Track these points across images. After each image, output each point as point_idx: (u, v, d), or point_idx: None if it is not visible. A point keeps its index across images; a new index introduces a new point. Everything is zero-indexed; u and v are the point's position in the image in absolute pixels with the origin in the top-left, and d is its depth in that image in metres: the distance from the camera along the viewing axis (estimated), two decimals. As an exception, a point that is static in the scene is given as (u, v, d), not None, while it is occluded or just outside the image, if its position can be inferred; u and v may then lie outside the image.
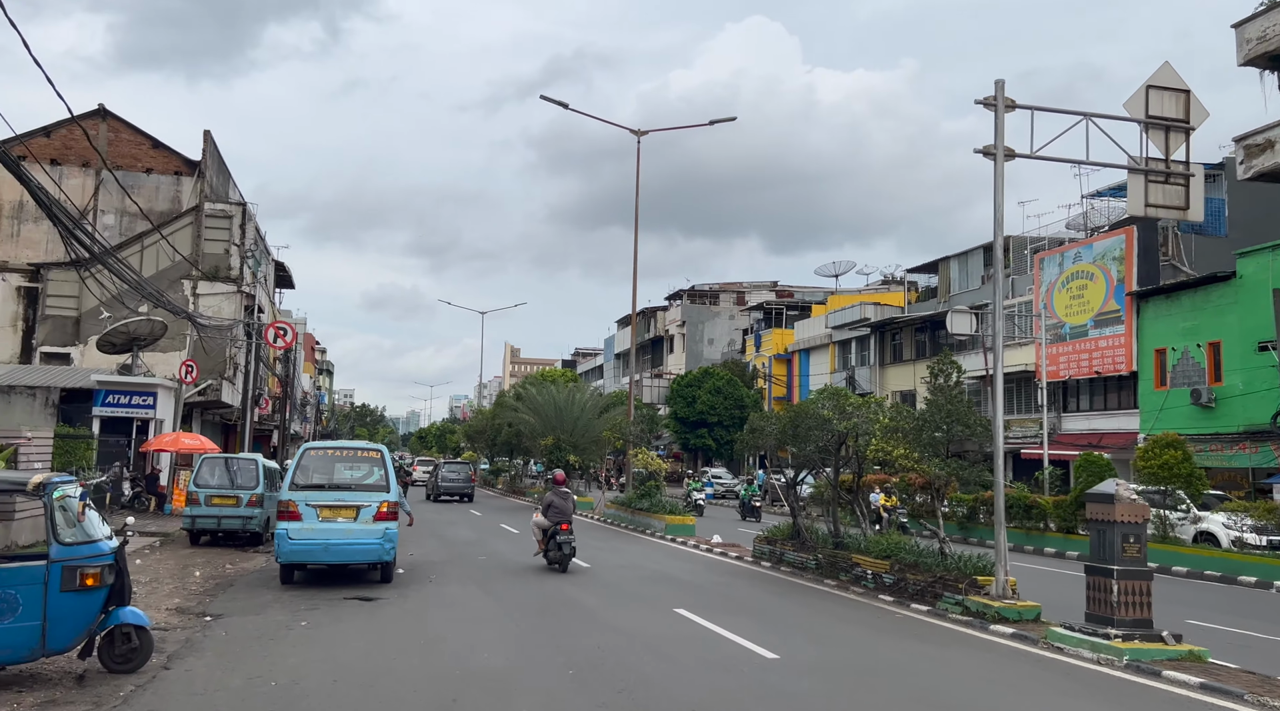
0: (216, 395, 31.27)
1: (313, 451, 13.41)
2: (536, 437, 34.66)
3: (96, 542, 7.21)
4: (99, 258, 20.89)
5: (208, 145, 33.87)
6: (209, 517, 17.95)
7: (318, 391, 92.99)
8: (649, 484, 23.71)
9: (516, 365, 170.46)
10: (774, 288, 78.16)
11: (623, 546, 19.62)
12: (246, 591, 12.28)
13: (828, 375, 51.59)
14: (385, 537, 12.62)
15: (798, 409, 14.50)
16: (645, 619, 10.83)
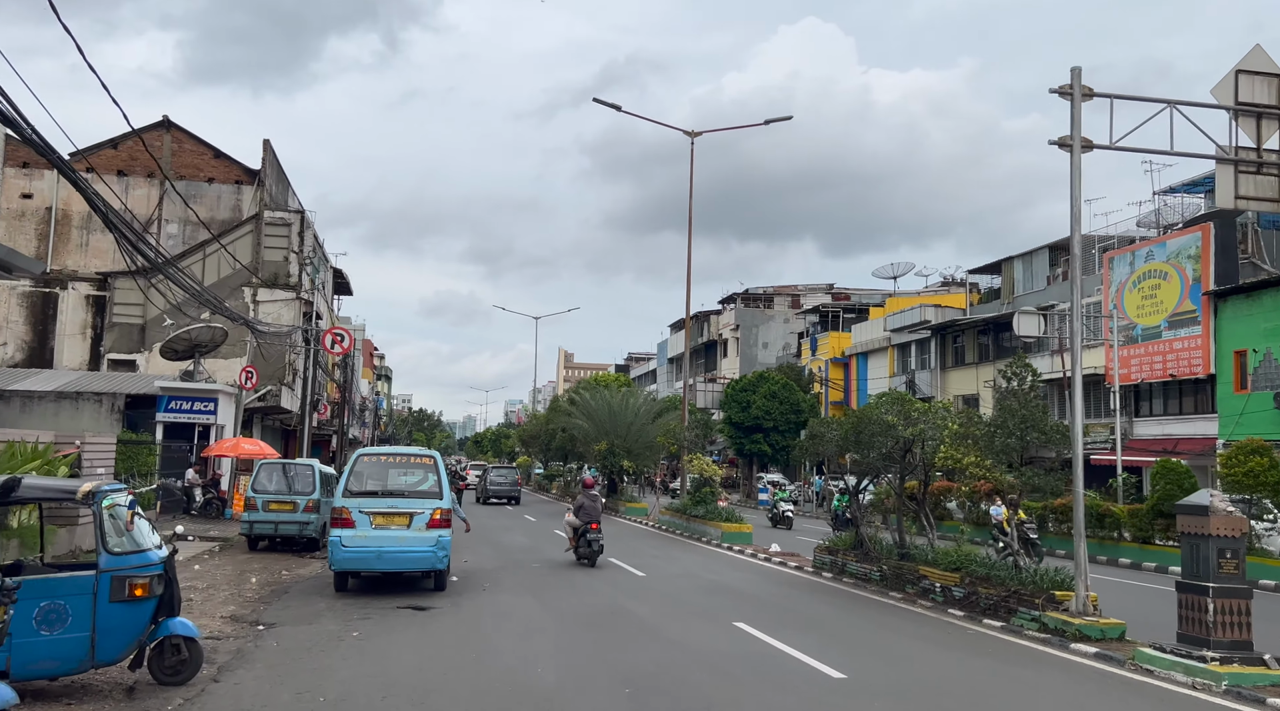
0: (276, 401, 31.68)
1: (366, 457, 13.31)
2: (590, 442, 34.52)
3: (145, 552, 7.08)
4: (160, 267, 21.26)
5: (267, 154, 34.39)
6: (266, 523, 18.03)
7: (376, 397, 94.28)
8: (704, 490, 23.29)
9: (570, 370, 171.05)
10: (830, 290, 77.09)
11: (678, 554, 19.24)
12: (300, 599, 12.19)
13: (886, 379, 50.54)
14: (438, 545, 12.44)
15: (860, 414, 13.98)
16: (704, 633, 10.44)
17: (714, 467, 23.87)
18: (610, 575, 15.49)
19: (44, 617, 6.64)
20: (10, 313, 31.06)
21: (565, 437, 43.54)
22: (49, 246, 31.70)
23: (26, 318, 31.21)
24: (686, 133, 26.15)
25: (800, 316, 69.40)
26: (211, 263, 31.95)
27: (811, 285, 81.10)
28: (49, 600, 6.66)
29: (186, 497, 22.81)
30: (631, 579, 14.99)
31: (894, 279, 63.42)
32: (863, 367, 54.69)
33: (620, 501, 33.66)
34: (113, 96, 10.42)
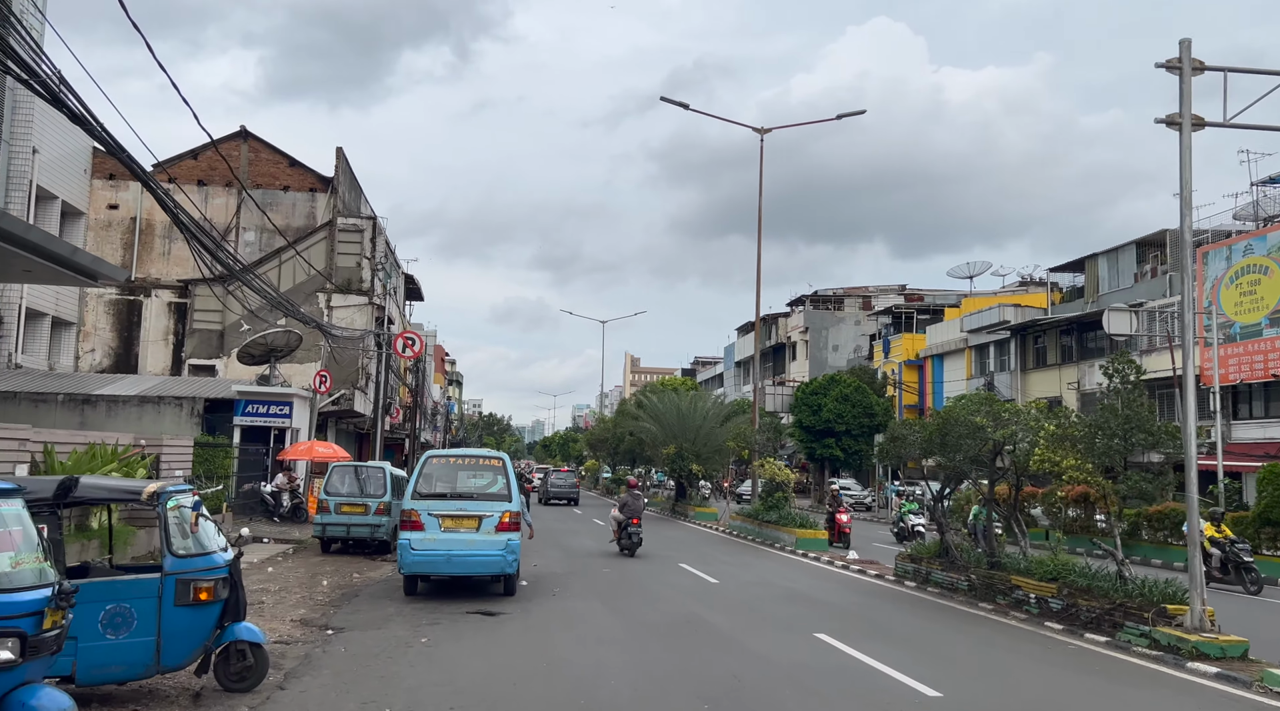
0: (349, 404, 32.06)
1: (435, 459, 13.13)
2: (658, 446, 34.13)
3: (210, 554, 6.90)
4: (237, 275, 21.62)
5: (340, 162, 34.92)
6: (338, 525, 18.07)
7: (447, 401, 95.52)
8: (777, 495, 22.65)
9: (636, 374, 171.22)
10: (902, 291, 75.35)
11: (751, 561, 18.68)
12: (370, 602, 12.04)
13: (963, 381, 49.00)
14: (507, 549, 12.17)
15: (946, 416, 13.27)
16: (784, 644, 9.92)
17: (786, 472, 23.23)
18: (682, 581, 15.04)
19: (109, 621, 6.49)
20: (98, 320, 32.09)
21: (633, 441, 43.26)
22: (134, 255, 32.66)
23: (113, 325, 32.20)
24: (756, 129, 25.62)
25: (872, 318, 67.94)
26: (287, 269, 32.55)
27: (883, 286, 79.43)
28: (114, 603, 6.51)
29: (275, 501, 23.15)
30: (704, 586, 14.52)
31: (970, 278, 61.60)
32: (938, 370, 53.17)
33: (689, 505, 33.18)
34: (195, 114, 10.43)
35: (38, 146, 27.43)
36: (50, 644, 5.00)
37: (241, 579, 7.28)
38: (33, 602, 4.89)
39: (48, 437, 12.59)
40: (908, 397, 53.70)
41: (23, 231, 18.89)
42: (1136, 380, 10.87)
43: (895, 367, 55.41)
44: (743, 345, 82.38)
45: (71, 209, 30.12)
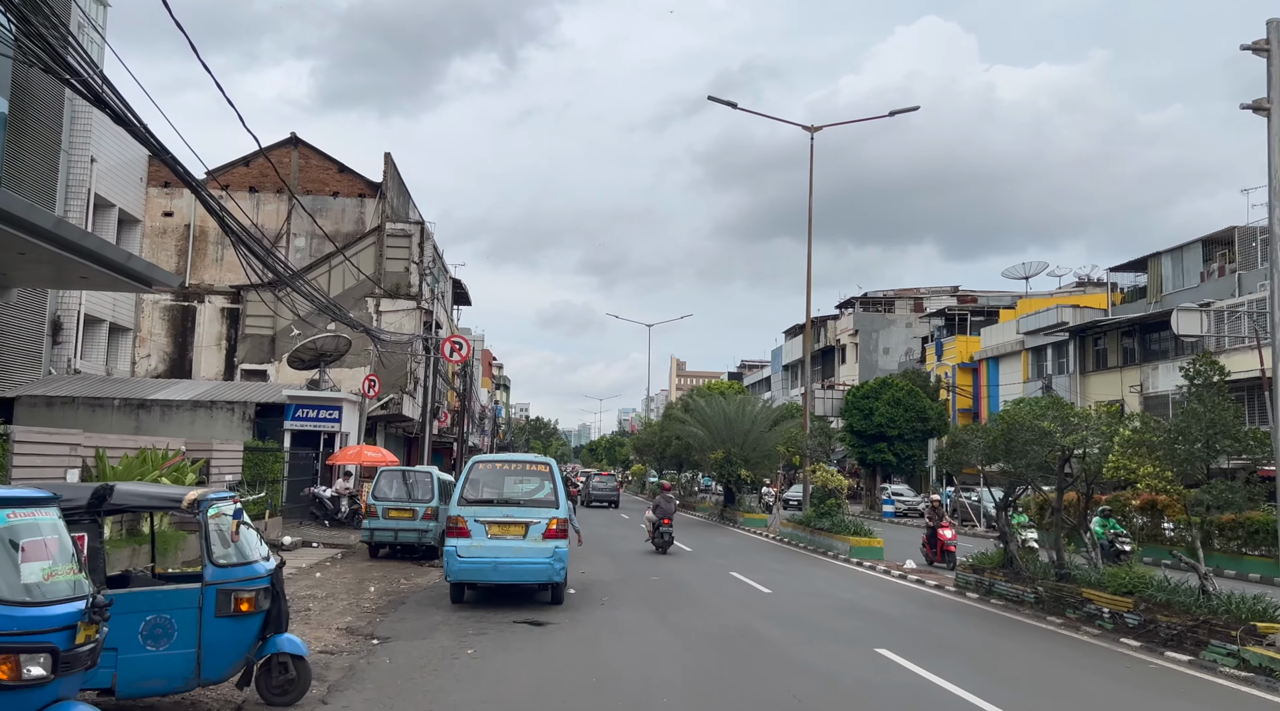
0: (398, 409, 32.18)
1: (481, 464, 12.92)
2: (705, 450, 33.72)
3: (251, 564, 6.70)
4: (286, 281, 21.74)
5: (388, 167, 35.13)
6: (386, 530, 17.99)
7: (495, 405, 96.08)
8: (830, 502, 22.08)
9: (682, 378, 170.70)
10: (955, 292, 73.93)
11: (804, 569, 18.19)
12: (417, 611, 11.84)
13: (1020, 385, 47.78)
14: (555, 557, 11.90)
15: (1011, 421, 12.68)
16: (843, 660, 9.47)
17: (839, 478, 22.63)
18: (733, 590, 14.63)
19: (149, 632, 6.32)
20: (154, 326, 32.65)
21: (680, 445, 42.87)
22: (188, 261, 33.19)
23: (168, 330, 32.74)
24: (805, 127, 25.11)
25: (924, 320, 66.72)
26: (337, 274, 32.81)
27: (935, 288, 78.03)
28: (154, 613, 6.34)
29: (334, 506, 23.25)
30: (757, 596, 14.10)
31: (1025, 279, 60.13)
32: (993, 373, 51.92)
33: (738, 511, 32.69)
34: (237, 111, 10.36)
35: (95, 155, 27.96)
36: (84, 659, 4.80)
37: (284, 588, 7.08)
38: (65, 616, 4.70)
39: (99, 442, 12.63)
40: (961, 401, 52.51)
41: (79, 238, 19.10)
42: (1220, 382, 10.21)
43: (948, 370, 54.25)
44: (790, 348, 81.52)
45: (128, 216, 30.67)
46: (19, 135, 23.20)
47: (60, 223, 18.22)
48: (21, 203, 17.33)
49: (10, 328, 24.14)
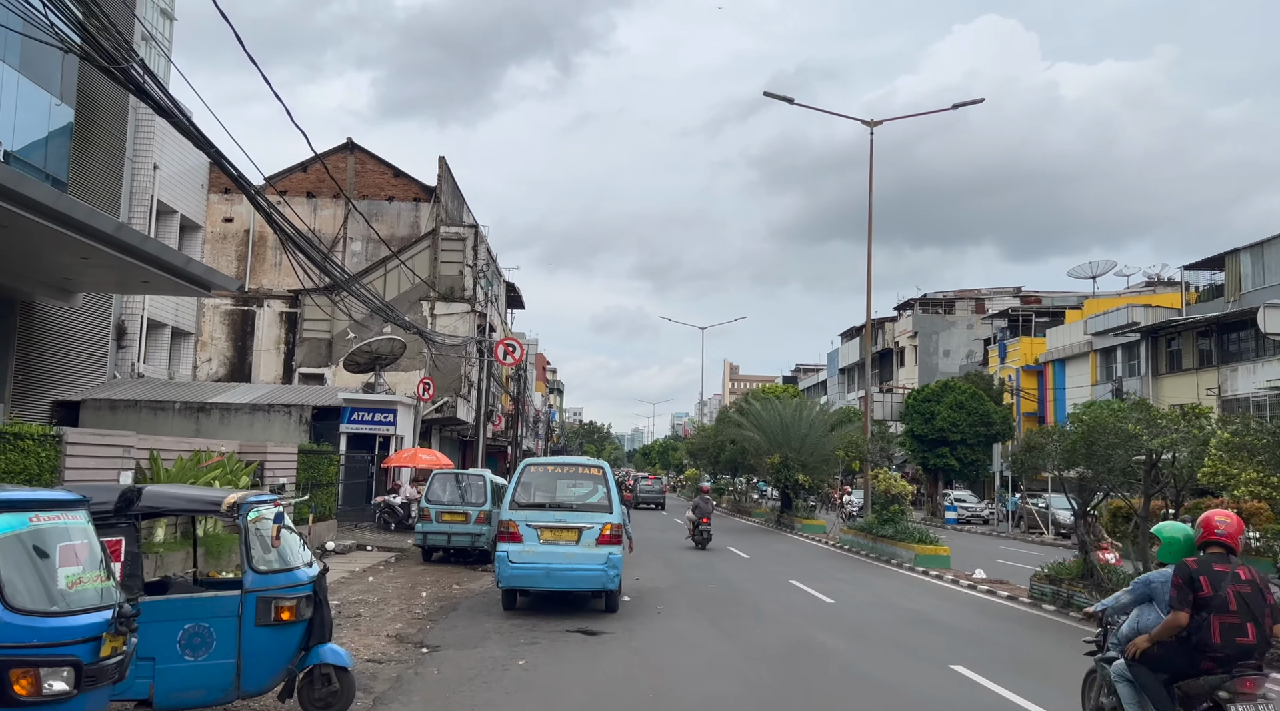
0: (452, 412, 32.17)
1: (533, 467, 12.57)
2: (762, 455, 33.05)
3: (293, 570, 6.41)
4: (343, 285, 21.78)
5: (443, 171, 35.21)
6: (439, 534, 17.80)
7: (549, 409, 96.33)
8: (893, 508, 21.30)
9: (735, 382, 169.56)
10: (1017, 293, 72.00)
11: (867, 578, 17.51)
12: (468, 617, 11.53)
13: (1088, 387, 46.15)
14: (609, 564, 11.49)
15: (1093, 423, 11.92)
16: (915, 677, 8.89)
17: (903, 483, 21.86)
18: (795, 599, 14.06)
19: (188, 641, 6.06)
20: (214, 330, 33.15)
21: (735, 449, 42.22)
22: (247, 267, 33.64)
23: (228, 335, 33.21)
24: (865, 122, 24.40)
25: (986, 322, 65.05)
26: (392, 278, 32.94)
27: (996, 289, 76.14)
28: (192, 622, 6.08)
29: (404, 511, 23.26)
30: (819, 606, 13.51)
31: (1092, 279, 58.23)
32: (1059, 375, 50.28)
33: (795, 517, 31.97)
34: (301, 129, 10.20)
35: (158, 163, 28.47)
36: (110, 672, 4.51)
37: (327, 596, 6.78)
38: (90, 627, 4.41)
39: (153, 444, 12.59)
40: (1026, 405, 50.93)
41: (139, 243, 19.29)
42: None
43: (1012, 373, 52.69)
44: (847, 351, 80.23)
45: (190, 223, 31.20)
46: (85, 143, 23.65)
47: (121, 227, 18.44)
48: (84, 208, 17.55)
49: (77, 332, 24.62)
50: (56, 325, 23.86)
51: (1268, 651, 5.47)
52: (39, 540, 4.44)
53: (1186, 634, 5.47)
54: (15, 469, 9.40)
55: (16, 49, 20.04)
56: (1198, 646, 5.44)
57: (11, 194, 14.80)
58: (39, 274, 20.49)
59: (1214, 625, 5.37)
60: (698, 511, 23.21)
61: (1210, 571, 5.45)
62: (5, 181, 14.59)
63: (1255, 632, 5.37)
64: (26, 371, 23.06)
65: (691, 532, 23.18)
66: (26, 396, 23.23)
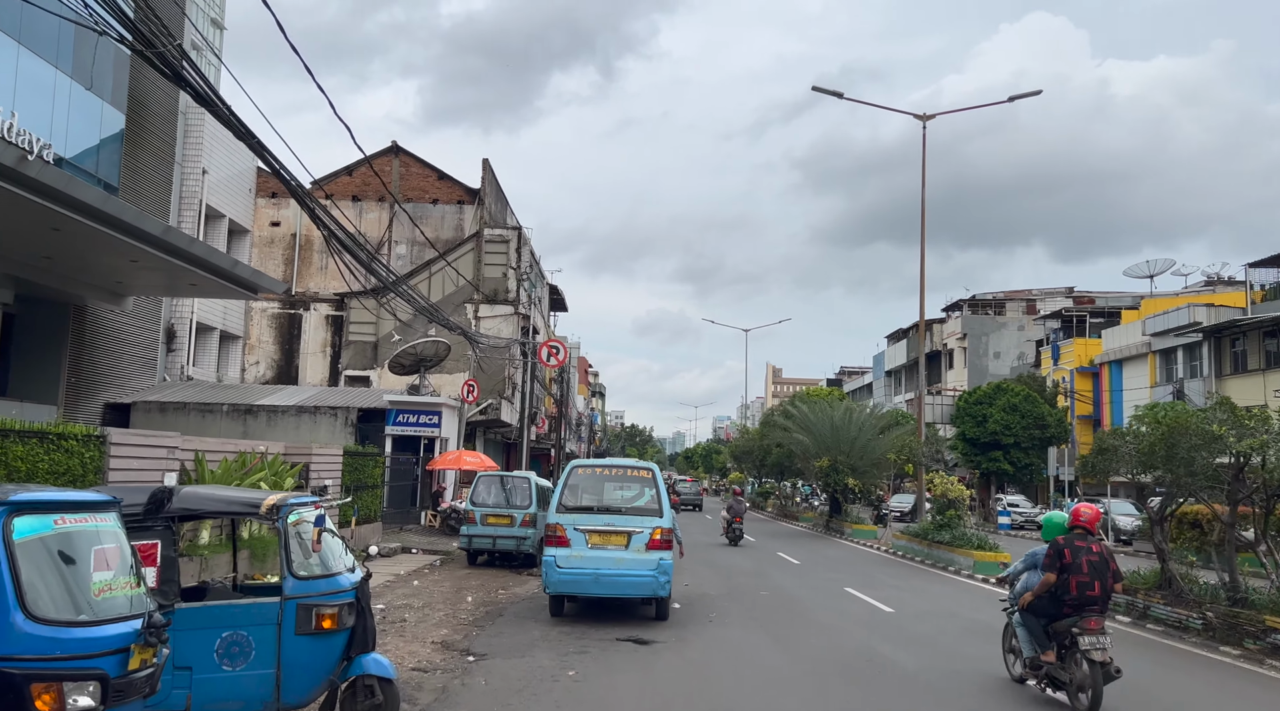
0: (496, 414, 32.02)
1: (580, 469, 12.20)
2: (810, 458, 32.39)
3: (335, 577, 6.09)
4: (391, 287, 21.70)
5: (486, 173, 35.14)
6: (484, 537, 17.54)
7: (591, 412, 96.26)
8: (949, 513, 20.58)
9: (778, 385, 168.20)
10: (1070, 293, 70.24)
11: (923, 586, 16.86)
12: (515, 624, 11.20)
13: (1146, 389, 44.68)
14: (659, 569, 11.08)
15: (1173, 424, 11.24)
16: (989, 694, 8.34)
17: (959, 487, 21.11)
18: (851, 608, 13.52)
19: (225, 650, 5.77)
20: (262, 333, 33.40)
21: (781, 453, 41.55)
22: (294, 270, 33.85)
23: (275, 338, 33.44)
24: (917, 116, 23.73)
25: (1038, 322, 63.45)
26: (437, 280, 32.93)
27: (1048, 289, 74.43)
28: (230, 630, 5.78)
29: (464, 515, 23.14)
30: (877, 615, 12.96)
31: (1150, 278, 56.58)
32: (1116, 377, 48.81)
33: (844, 522, 31.27)
34: (352, 133, 9.97)
35: (207, 167, 28.73)
36: (139, 686, 4.22)
37: (370, 603, 6.46)
38: (117, 638, 4.12)
39: (198, 446, 12.46)
40: (1081, 407, 49.52)
41: (186, 245, 19.31)
42: None
43: (1066, 375, 51.27)
44: (893, 353, 78.99)
45: (238, 227, 31.46)
46: (136, 148, 23.89)
47: (168, 230, 18.48)
48: (132, 210, 17.59)
49: (127, 335, 24.87)
50: (108, 328, 24.12)
51: (1109, 602, 7.90)
52: (65, 544, 4.17)
53: (1055, 589, 7.79)
54: (59, 469, 9.27)
55: (69, 55, 20.26)
56: (1061, 598, 7.77)
57: (61, 196, 14.85)
58: (90, 277, 20.68)
59: (1071, 583, 7.69)
60: (731, 511, 25.65)
61: (1072, 546, 7.80)
62: (55, 183, 14.63)
63: (1100, 589, 7.70)
64: (79, 374, 23.31)
65: (725, 530, 25.56)
66: (79, 399, 23.49)
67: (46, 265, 19.16)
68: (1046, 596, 7.88)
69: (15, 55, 18.37)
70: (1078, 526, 8.07)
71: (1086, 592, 7.67)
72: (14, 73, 18.23)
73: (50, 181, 14.53)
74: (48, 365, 22.47)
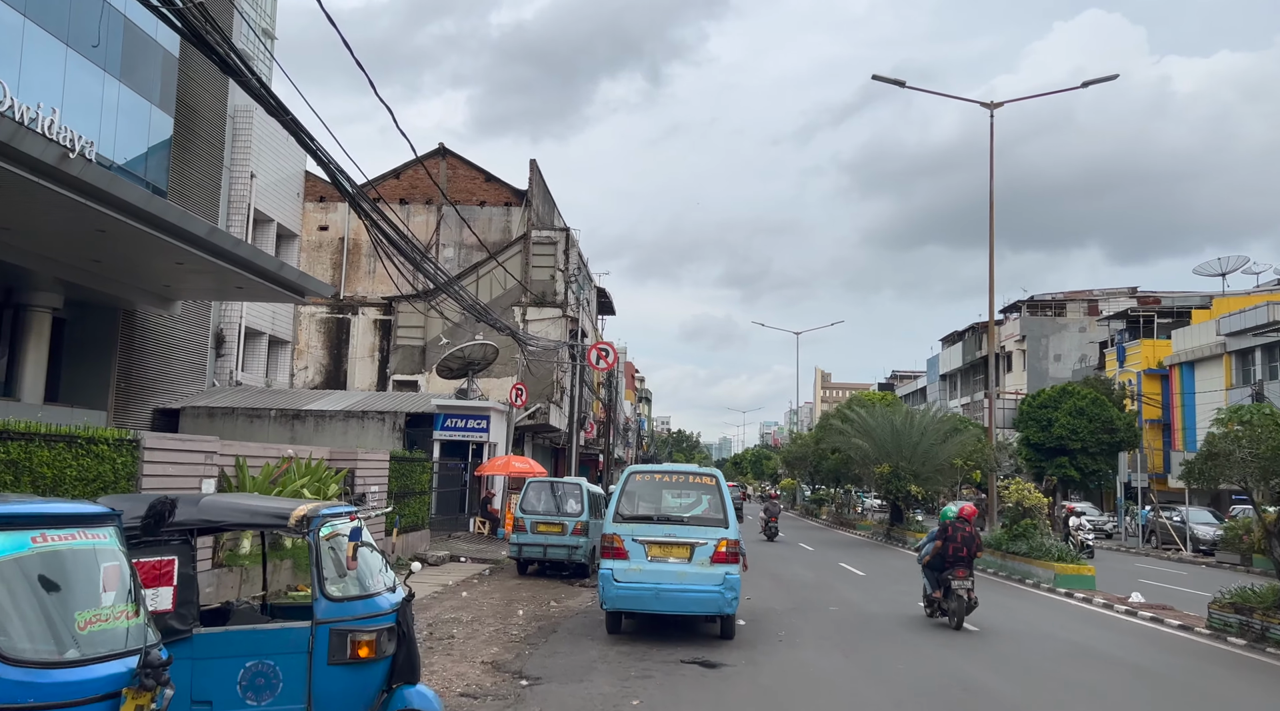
0: (545, 418, 31.40)
1: (638, 475, 11.38)
2: (869, 464, 31.20)
3: (373, 597, 5.36)
4: (442, 286, 21.17)
5: (534, 174, 34.61)
6: (535, 546, 16.83)
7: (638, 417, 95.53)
8: (1024, 522, 19.34)
9: (827, 389, 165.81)
10: (1133, 294, 67.75)
11: (1005, 601, 15.71)
12: (570, 641, 10.42)
13: (1221, 392, 42.58)
14: (725, 585, 10.22)
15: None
16: (1109, 732, 7.35)
17: (1037, 494, 19.83)
18: (932, 627, 12.50)
19: (250, 682, 5.07)
20: (310, 338, 33.22)
21: (837, 459, 40.29)
22: (342, 274, 33.63)
23: (323, 343, 33.23)
24: (985, 104, 22.56)
25: (1102, 324, 61.18)
26: (484, 284, 32.47)
27: (1109, 289, 71.96)
28: (255, 659, 5.08)
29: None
30: (962, 634, 11.93)
31: (1222, 276, 54.23)
32: (1188, 379, 46.69)
33: (906, 531, 30.02)
34: (403, 131, 9.33)
35: (255, 171, 28.57)
36: (133, 738, 3.50)
37: (413, 626, 5.72)
38: (106, 681, 3.41)
39: (238, 451, 11.91)
40: (1149, 411, 47.44)
41: (232, 246, 18.88)
42: None
43: (1133, 378, 49.19)
44: (948, 356, 77.06)
45: (286, 231, 31.31)
46: (184, 152, 23.72)
47: (213, 231, 18.07)
48: (176, 211, 17.21)
49: (177, 341, 24.71)
50: (157, 333, 23.95)
51: (973, 562, 12.29)
52: (46, 566, 3.47)
53: (941, 552, 12.40)
54: (90, 476, 8.73)
55: (117, 58, 20.06)
56: (944, 557, 12.36)
57: (105, 196, 14.46)
58: (138, 280, 20.44)
59: (949, 549, 12.27)
60: (768, 512, 30.52)
61: (954, 525, 12.41)
62: (98, 183, 14.24)
63: (967, 553, 12.20)
64: (128, 379, 23.15)
65: (763, 528, 30.26)
66: (128, 404, 23.33)
67: (94, 268, 18.93)
68: (937, 557, 12.56)
69: (64, 57, 18.18)
70: (960, 516, 12.55)
71: (959, 555, 12.22)
72: (61, 73, 18.03)
73: (93, 180, 14.16)
74: (98, 370, 22.32)
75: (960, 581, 12.01)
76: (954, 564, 12.18)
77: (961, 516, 12.52)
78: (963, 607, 12.03)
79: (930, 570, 12.75)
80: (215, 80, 25.42)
